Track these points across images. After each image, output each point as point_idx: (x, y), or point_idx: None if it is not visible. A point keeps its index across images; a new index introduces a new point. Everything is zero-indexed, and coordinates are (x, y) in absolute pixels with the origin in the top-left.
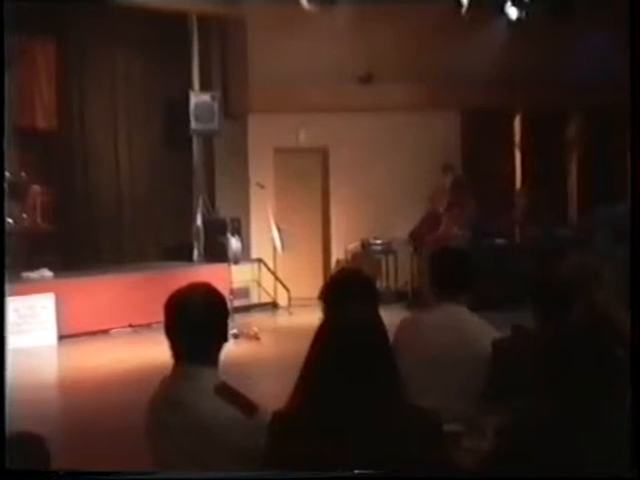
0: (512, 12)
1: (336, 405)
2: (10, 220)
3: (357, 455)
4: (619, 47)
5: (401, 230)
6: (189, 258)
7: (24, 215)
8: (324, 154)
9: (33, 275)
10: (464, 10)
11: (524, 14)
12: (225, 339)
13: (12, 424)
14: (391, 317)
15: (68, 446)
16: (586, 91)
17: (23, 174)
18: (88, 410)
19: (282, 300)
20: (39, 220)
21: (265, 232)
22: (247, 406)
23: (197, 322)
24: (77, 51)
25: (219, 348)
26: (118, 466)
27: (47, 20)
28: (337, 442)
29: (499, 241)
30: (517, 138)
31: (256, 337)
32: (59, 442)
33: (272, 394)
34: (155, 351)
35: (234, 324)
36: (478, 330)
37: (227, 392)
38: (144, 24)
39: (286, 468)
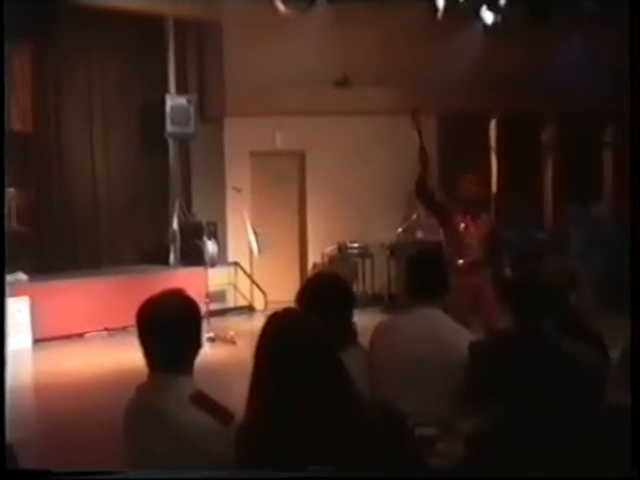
0: (488, 16)
1: (293, 412)
2: None
3: (321, 459)
4: (595, 51)
5: (378, 234)
6: (165, 261)
7: None
8: (300, 158)
9: (8, 278)
10: (440, 15)
11: (500, 18)
12: (199, 346)
13: None
14: (367, 321)
15: (42, 449)
16: (562, 95)
17: None
18: (63, 413)
19: (259, 304)
20: (14, 223)
21: (241, 235)
22: (223, 414)
23: (169, 331)
24: (53, 54)
25: (194, 356)
26: (90, 468)
27: (23, 23)
28: (299, 449)
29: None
30: (493, 142)
31: (232, 341)
32: (33, 445)
33: None
34: (131, 355)
35: (210, 328)
36: (454, 333)
37: (202, 400)
38: (120, 27)
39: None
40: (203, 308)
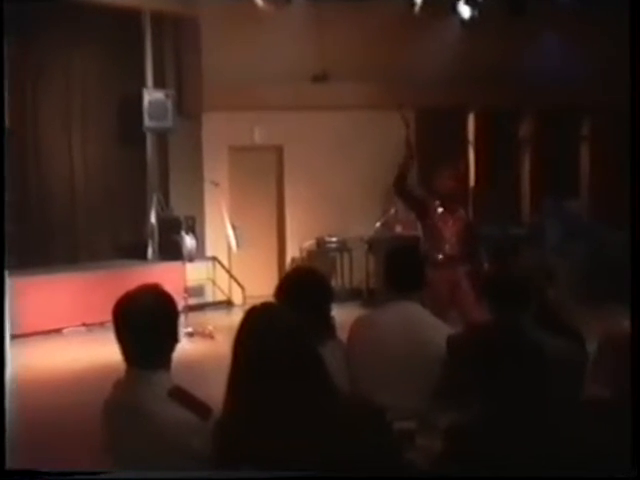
0: (465, 11)
1: (271, 407)
2: None
3: (302, 456)
4: (572, 45)
5: (356, 228)
6: (143, 256)
7: None
8: (279, 152)
9: None
10: (417, 9)
11: (477, 13)
12: (176, 341)
13: None
14: (346, 315)
15: (21, 446)
16: (540, 89)
17: None
18: (41, 410)
19: (237, 298)
20: None
21: (220, 230)
22: (202, 409)
23: (145, 327)
24: (31, 49)
25: (171, 350)
26: (72, 466)
27: None
28: (277, 443)
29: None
30: (471, 136)
31: (211, 336)
32: (12, 442)
33: None
34: (109, 350)
35: (189, 322)
36: (432, 327)
37: (181, 395)
38: (97, 22)
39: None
40: (181, 303)
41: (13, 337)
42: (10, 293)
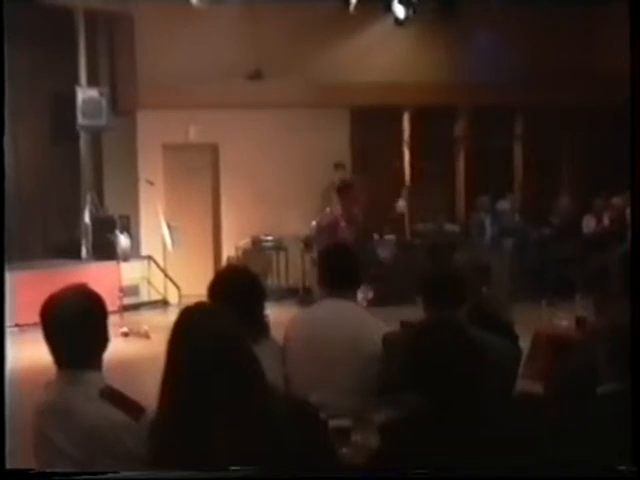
0: (399, 11)
1: (205, 407)
2: None
3: (237, 457)
4: (504, 45)
5: (292, 227)
6: (77, 256)
7: None
8: (214, 150)
9: None
10: (352, 8)
11: (411, 12)
12: (106, 340)
13: None
14: (282, 313)
15: None
16: (473, 89)
17: None
18: None
19: (172, 298)
20: None
21: (155, 229)
22: (134, 409)
23: (72, 327)
24: None
25: (101, 350)
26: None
27: None
28: (211, 444)
29: (389, 238)
30: (406, 136)
31: (146, 335)
32: None
33: None
34: (42, 351)
35: (124, 322)
36: (368, 325)
37: (113, 395)
38: (30, 18)
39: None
40: (117, 302)
41: None
42: None
